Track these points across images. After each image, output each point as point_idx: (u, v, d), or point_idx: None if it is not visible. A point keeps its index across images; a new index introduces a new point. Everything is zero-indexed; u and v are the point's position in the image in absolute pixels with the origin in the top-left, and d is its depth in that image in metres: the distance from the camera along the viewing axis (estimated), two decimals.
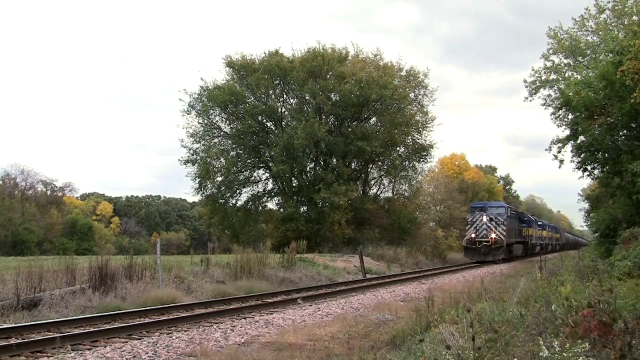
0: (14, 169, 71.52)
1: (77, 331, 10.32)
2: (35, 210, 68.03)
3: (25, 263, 15.74)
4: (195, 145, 39.42)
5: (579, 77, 27.42)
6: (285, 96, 41.20)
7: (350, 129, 39.27)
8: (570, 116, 25.87)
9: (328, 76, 38.97)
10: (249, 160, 40.87)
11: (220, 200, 40.11)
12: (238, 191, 40.45)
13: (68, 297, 13.93)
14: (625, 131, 23.40)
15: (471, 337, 4.80)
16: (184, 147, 39.24)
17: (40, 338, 9.51)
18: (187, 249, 64.64)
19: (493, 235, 36.05)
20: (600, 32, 28.11)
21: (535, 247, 50.79)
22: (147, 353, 8.57)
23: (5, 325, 10.67)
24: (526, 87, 31.31)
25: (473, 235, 36.63)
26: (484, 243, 36.20)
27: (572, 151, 25.15)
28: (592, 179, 29.61)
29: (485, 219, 36.69)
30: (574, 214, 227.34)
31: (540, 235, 54.86)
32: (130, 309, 13.33)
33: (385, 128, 40.41)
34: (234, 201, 40.53)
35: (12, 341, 9.28)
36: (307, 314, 13.11)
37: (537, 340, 5.12)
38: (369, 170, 43.67)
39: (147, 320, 11.82)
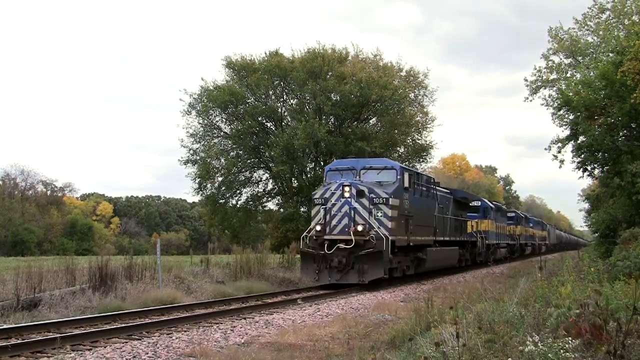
0: (14, 169, 71.68)
1: (77, 331, 10.32)
2: (35, 211, 68.07)
3: (25, 263, 15.76)
4: (195, 146, 39.37)
5: (579, 76, 27.45)
6: (285, 96, 41.17)
7: (350, 130, 39.24)
8: (570, 116, 25.90)
9: (328, 76, 38.95)
10: (249, 161, 40.86)
11: (221, 201, 40.10)
12: (238, 191, 40.44)
13: (68, 297, 13.94)
14: (625, 131, 23.40)
15: (456, 335, 4.82)
16: (183, 147, 39.20)
17: (40, 338, 9.51)
18: (187, 249, 64.67)
19: (360, 227, 17.89)
20: (600, 32, 28.13)
21: (494, 250, 35.44)
22: (147, 353, 8.57)
23: (5, 326, 10.67)
24: (527, 86, 31.35)
25: (318, 228, 18.37)
26: (340, 245, 18.08)
27: (572, 151, 25.17)
28: (592, 179, 29.65)
29: (348, 191, 18.27)
30: (574, 214, 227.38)
31: (499, 232, 38.01)
32: (130, 309, 13.33)
33: (386, 128, 40.38)
34: (234, 201, 40.49)
35: (12, 341, 9.28)
36: (307, 314, 13.11)
37: (524, 337, 5.14)
38: None
39: (147, 320, 11.82)
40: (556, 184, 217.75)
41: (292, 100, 41.36)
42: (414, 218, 20.25)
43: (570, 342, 4.80)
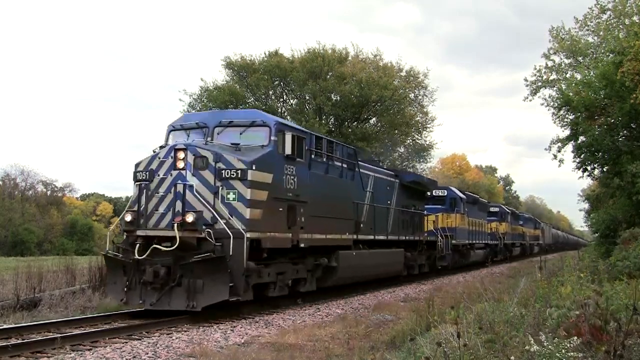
0: (14, 169, 71.60)
1: (77, 331, 10.31)
2: (35, 211, 68.07)
3: (25, 263, 15.78)
4: None
5: (579, 77, 27.48)
6: (285, 96, 41.25)
7: (350, 130, 39.28)
8: (570, 116, 25.92)
9: (328, 77, 38.99)
10: None
11: None
12: None
13: (68, 297, 13.94)
14: (625, 131, 23.42)
15: (457, 334, 4.83)
16: None
17: (40, 338, 9.51)
18: None
19: (190, 218, 11.34)
20: (601, 33, 28.15)
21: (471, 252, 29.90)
22: (147, 353, 8.57)
23: (5, 326, 10.67)
24: (527, 86, 31.35)
25: (128, 218, 12.08)
26: (159, 246, 11.50)
27: (572, 151, 25.21)
28: (592, 179, 29.67)
29: (182, 158, 11.87)
30: (574, 214, 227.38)
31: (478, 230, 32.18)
32: (130, 309, 13.30)
33: (386, 129, 40.43)
34: None
35: (12, 341, 9.28)
36: (307, 314, 13.12)
37: (527, 337, 5.15)
38: None
39: (147, 320, 11.80)
40: (556, 184, 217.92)
41: (292, 101, 41.43)
42: (311, 205, 13.66)
43: (573, 341, 4.80)
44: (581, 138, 24.07)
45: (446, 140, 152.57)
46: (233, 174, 11.70)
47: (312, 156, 14.31)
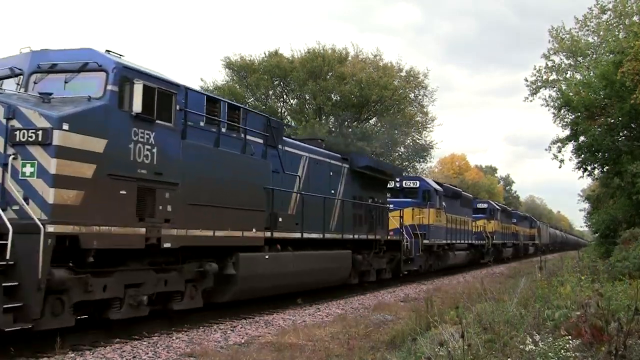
0: None
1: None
2: None
3: None
4: None
5: (579, 77, 27.53)
6: (285, 97, 41.31)
7: (350, 130, 39.31)
8: (570, 116, 25.95)
9: (328, 77, 39.04)
10: None
11: None
12: None
13: None
14: (625, 132, 23.45)
15: (461, 334, 4.84)
16: None
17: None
18: None
19: None
20: (601, 33, 28.18)
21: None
22: (147, 353, 8.57)
23: None
24: (527, 86, 31.41)
25: None
26: None
27: (572, 151, 25.26)
28: (592, 179, 29.70)
29: None
30: (574, 214, 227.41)
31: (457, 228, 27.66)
32: None
33: (386, 129, 40.47)
34: None
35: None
36: (307, 314, 13.12)
37: (524, 336, 5.17)
38: None
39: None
40: (556, 184, 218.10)
41: (292, 101, 41.48)
42: (187, 189, 10.09)
43: (571, 341, 4.82)
44: (581, 138, 24.11)
45: (446, 141, 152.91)
46: (31, 137, 8.00)
47: (190, 121, 10.49)
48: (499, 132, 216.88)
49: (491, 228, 34.63)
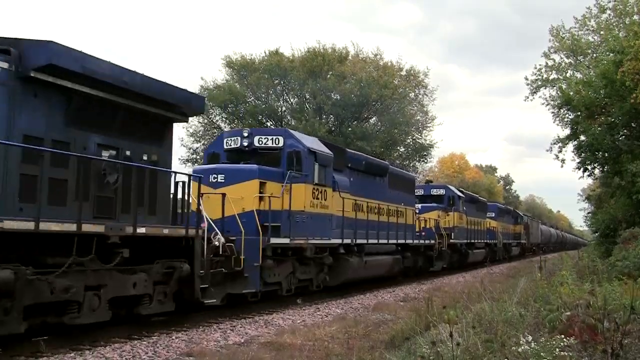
0: None
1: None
2: None
3: None
4: (196, 145, 39.46)
5: (579, 76, 27.52)
6: (285, 96, 41.26)
7: (350, 129, 39.29)
8: (570, 115, 25.97)
9: (328, 76, 39.03)
10: None
11: None
12: None
13: None
14: (625, 131, 23.45)
15: (449, 333, 4.86)
16: (184, 146, 39.27)
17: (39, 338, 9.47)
18: None
19: None
20: (601, 32, 28.18)
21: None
22: (147, 353, 8.57)
23: None
24: (527, 85, 31.43)
25: None
26: None
27: (572, 151, 25.28)
28: (592, 178, 29.71)
29: None
30: (574, 214, 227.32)
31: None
32: None
33: (386, 128, 40.44)
34: None
35: None
36: (307, 314, 13.11)
37: (518, 337, 5.17)
38: None
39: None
40: (556, 184, 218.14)
41: (292, 100, 41.43)
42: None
43: (565, 340, 4.82)
44: (581, 137, 24.12)
45: (447, 140, 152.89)
46: None
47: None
48: (500, 132, 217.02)
49: (449, 222, 26.29)
